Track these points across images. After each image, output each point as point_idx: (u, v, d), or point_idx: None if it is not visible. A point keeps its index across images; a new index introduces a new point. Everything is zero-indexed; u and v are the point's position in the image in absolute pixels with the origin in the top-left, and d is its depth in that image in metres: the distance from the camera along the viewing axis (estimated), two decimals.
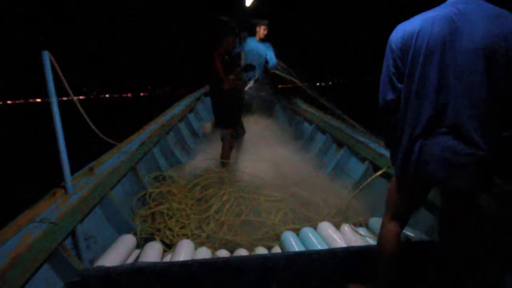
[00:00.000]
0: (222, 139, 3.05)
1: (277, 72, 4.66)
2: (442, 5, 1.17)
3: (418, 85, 1.14)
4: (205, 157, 3.34)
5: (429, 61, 1.12)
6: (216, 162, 3.13)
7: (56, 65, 1.70)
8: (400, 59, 1.18)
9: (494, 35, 1.04)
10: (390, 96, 1.23)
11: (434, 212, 1.82)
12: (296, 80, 4.58)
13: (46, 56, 1.64)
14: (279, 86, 5.34)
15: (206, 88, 5.49)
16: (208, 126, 4.68)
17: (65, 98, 2.02)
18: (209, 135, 4.39)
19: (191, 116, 4.76)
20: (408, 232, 1.83)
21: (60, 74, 1.78)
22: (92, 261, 1.73)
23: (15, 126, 12.71)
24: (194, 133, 4.47)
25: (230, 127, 3.02)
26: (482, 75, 1.06)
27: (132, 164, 2.52)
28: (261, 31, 4.75)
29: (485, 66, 1.05)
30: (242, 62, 3.64)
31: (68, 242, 1.62)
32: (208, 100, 4.79)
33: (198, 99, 5.52)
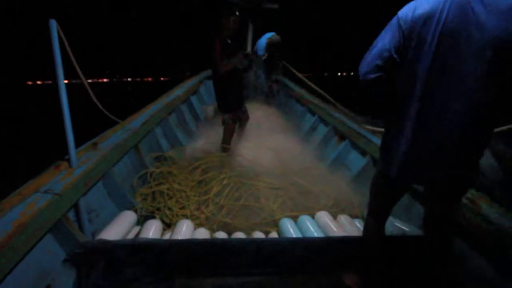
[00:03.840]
0: (223, 123, 3.05)
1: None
2: None
3: (409, 76, 1.08)
4: (206, 140, 3.35)
5: (428, 51, 1.04)
6: (217, 146, 3.14)
7: (62, 36, 1.66)
8: (405, 38, 1.08)
9: (507, 32, 0.95)
10: (377, 73, 1.12)
11: None
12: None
13: (54, 25, 1.60)
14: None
15: (209, 72, 5.45)
16: (210, 109, 4.67)
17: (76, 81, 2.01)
18: (211, 119, 4.40)
19: (193, 99, 4.73)
20: (402, 226, 1.87)
21: (66, 45, 1.75)
22: (93, 234, 1.76)
23: (26, 100, 12.49)
24: (196, 116, 4.46)
25: (231, 112, 3.01)
26: (482, 76, 0.99)
27: (135, 142, 2.52)
28: None
29: (488, 66, 0.97)
30: (248, 48, 3.57)
31: (71, 214, 1.64)
32: (210, 83, 4.75)
33: (201, 82, 5.47)
